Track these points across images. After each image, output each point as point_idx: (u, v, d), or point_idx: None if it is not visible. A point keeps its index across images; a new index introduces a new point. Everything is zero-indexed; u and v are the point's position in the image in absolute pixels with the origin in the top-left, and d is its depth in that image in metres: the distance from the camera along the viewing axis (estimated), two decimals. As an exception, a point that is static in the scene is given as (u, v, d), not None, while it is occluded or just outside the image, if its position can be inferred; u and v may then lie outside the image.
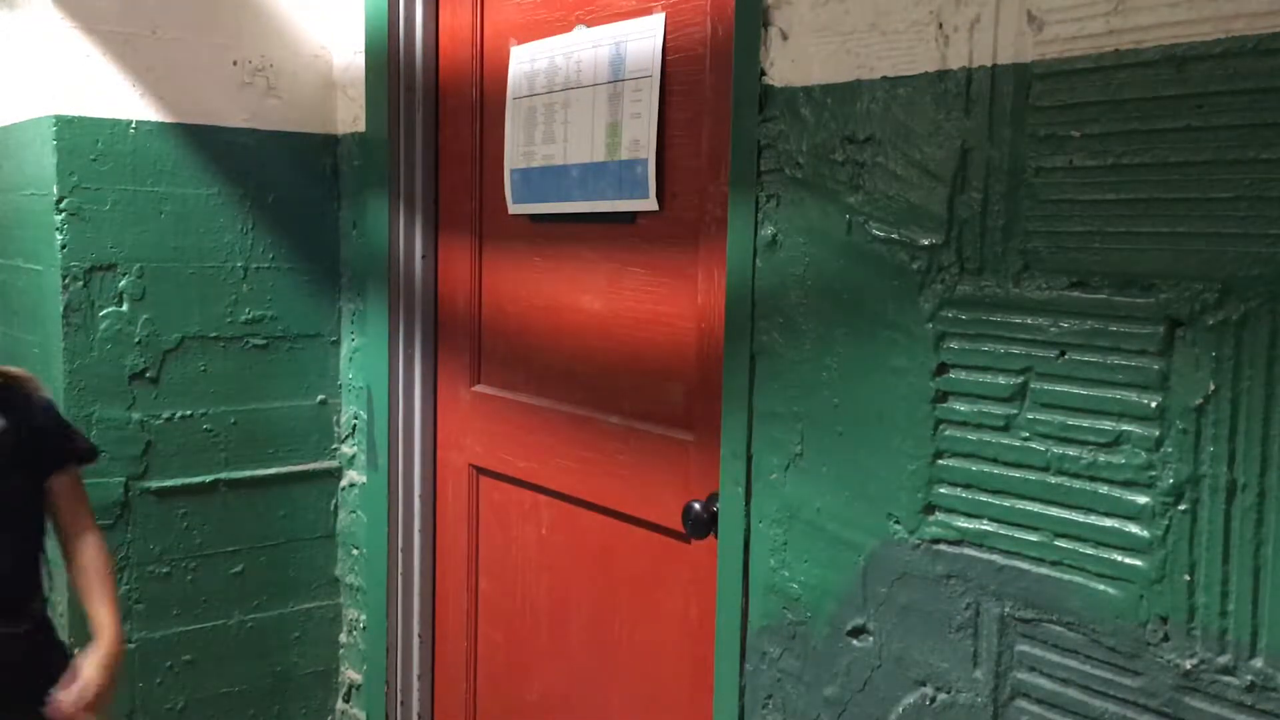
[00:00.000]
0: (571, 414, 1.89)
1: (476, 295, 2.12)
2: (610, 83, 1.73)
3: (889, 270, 1.25)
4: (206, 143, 2.25)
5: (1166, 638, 1.04)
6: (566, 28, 1.85)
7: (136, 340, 2.19)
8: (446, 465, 2.24)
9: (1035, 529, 1.13)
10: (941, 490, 1.21)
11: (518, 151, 1.94)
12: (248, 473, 2.35)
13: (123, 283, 2.17)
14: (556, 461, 1.92)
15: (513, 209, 1.98)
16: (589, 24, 1.79)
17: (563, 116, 1.83)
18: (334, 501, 2.48)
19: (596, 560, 1.87)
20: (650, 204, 1.68)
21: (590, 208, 1.79)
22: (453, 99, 2.16)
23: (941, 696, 1.23)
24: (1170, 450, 1.03)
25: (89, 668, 1.62)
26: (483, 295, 2.11)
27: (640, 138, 1.68)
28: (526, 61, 1.92)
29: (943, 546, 1.22)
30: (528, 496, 2.02)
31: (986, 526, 1.17)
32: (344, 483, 2.47)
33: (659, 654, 1.75)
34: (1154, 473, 1.04)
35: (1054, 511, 1.12)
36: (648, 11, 1.68)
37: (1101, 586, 1.08)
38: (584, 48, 1.79)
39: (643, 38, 1.67)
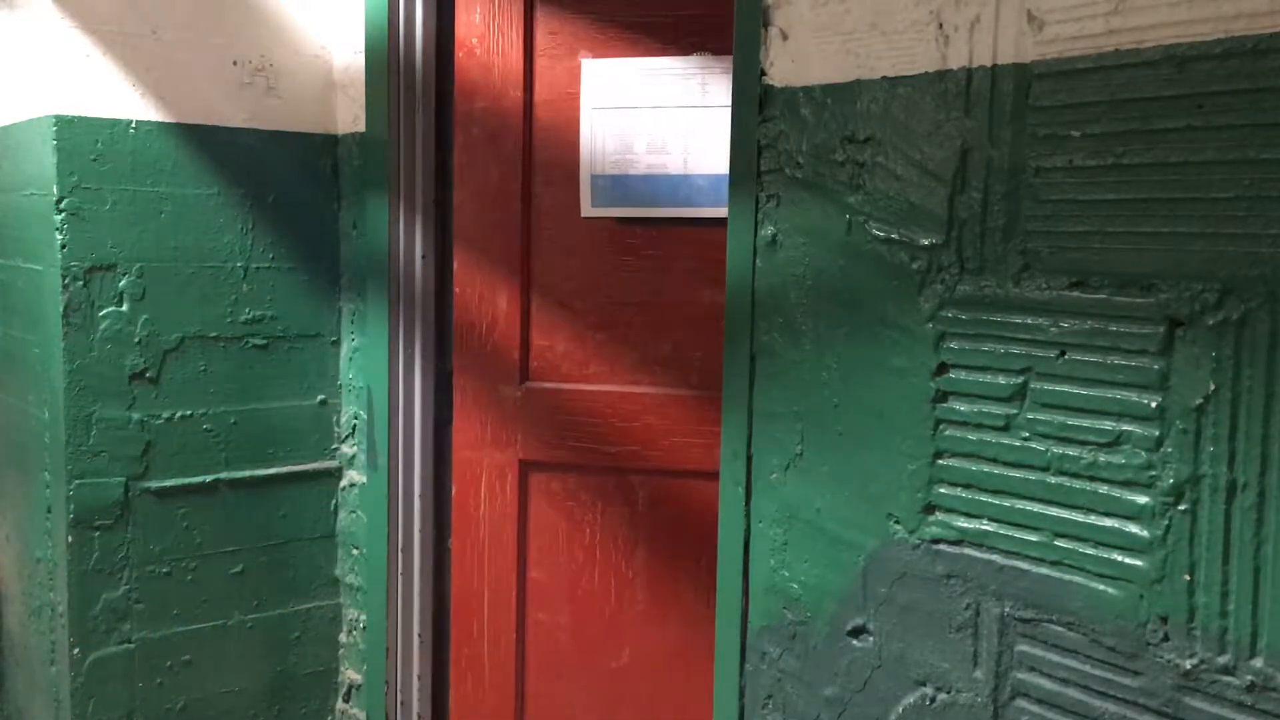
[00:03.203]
0: (687, 395, 2.02)
1: (524, 295, 2.14)
2: None
3: (889, 270, 1.25)
4: (206, 143, 2.25)
5: (1166, 638, 1.04)
6: (668, 49, 2.00)
7: (136, 340, 2.19)
8: (473, 465, 2.23)
9: (1035, 529, 1.13)
10: (941, 490, 1.21)
11: (604, 159, 2.06)
12: (248, 473, 2.35)
13: (123, 283, 2.17)
14: (663, 441, 2.03)
15: (590, 212, 2.07)
16: (715, 54, 1.96)
17: (683, 130, 2.00)
18: (334, 501, 2.48)
19: (709, 526, 1.95)
20: None
21: (724, 214, 1.91)
22: (485, 102, 2.14)
23: (941, 696, 1.23)
24: (1170, 450, 1.03)
25: None
26: (531, 295, 2.15)
27: None
28: (613, 76, 2.04)
29: (943, 546, 1.22)
30: (611, 479, 2.10)
31: (986, 526, 1.17)
32: (344, 483, 2.47)
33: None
34: (1154, 473, 1.04)
35: (1054, 511, 1.12)
36: None
37: (1101, 586, 1.08)
38: (712, 73, 1.95)
39: None
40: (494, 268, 2.17)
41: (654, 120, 2.03)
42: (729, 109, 1.85)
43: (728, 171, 1.85)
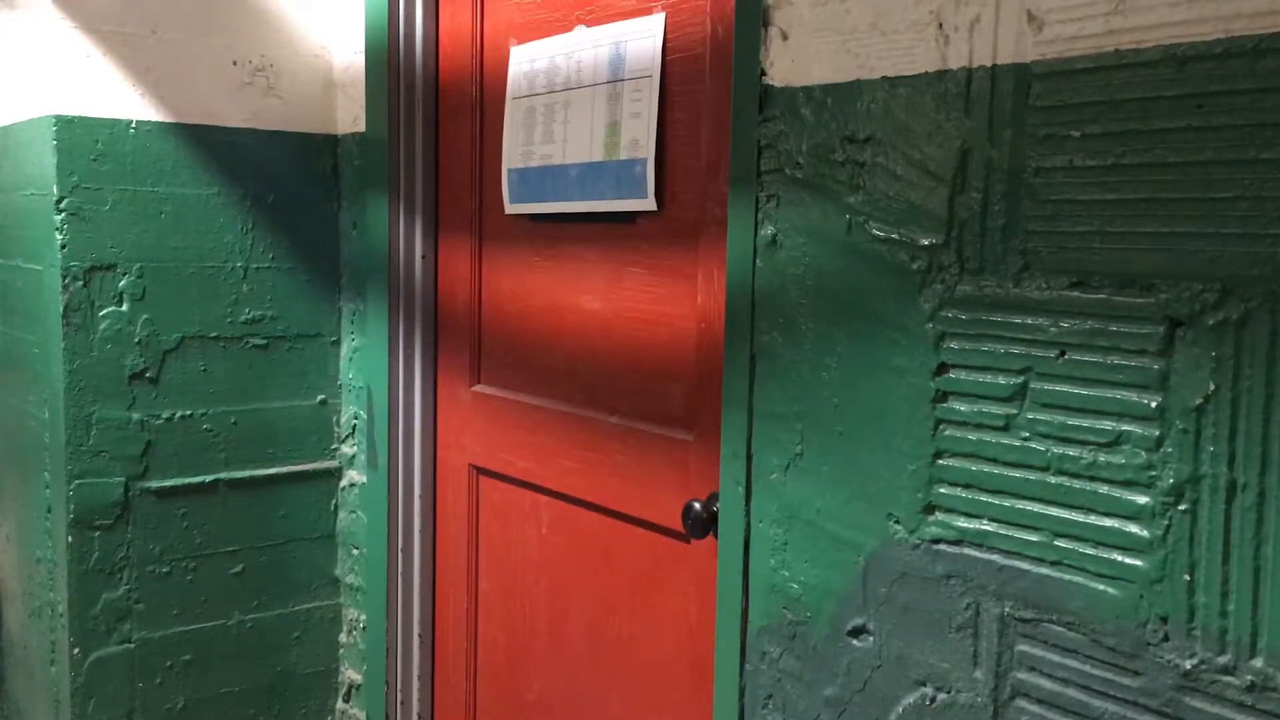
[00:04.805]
0: (571, 414, 1.89)
1: (476, 295, 2.12)
2: (610, 83, 1.73)
3: (889, 270, 1.25)
4: (206, 143, 2.25)
5: (1166, 638, 1.04)
6: (567, 28, 1.85)
7: (136, 340, 2.19)
8: (446, 465, 2.24)
9: (1035, 529, 1.13)
10: (941, 490, 1.21)
11: (515, 151, 1.94)
12: (248, 473, 2.35)
13: (123, 283, 2.17)
14: (556, 461, 1.92)
15: (509, 209, 1.98)
16: (589, 24, 1.79)
17: (562, 116, 1.83)
18: (334, 501, 2.48)
19: (596, 560, 1.87)
20: (648, 204, 1.68)
21: (588, 207, 1.80)
22: (453, 99, 2.16)
23: (941, 696, 1.23)
24: (1170, 450, 1.03)
25: None
26: (482, 295, 2.11)
27: (639, 137, 1.68)
28: (526, 61, 1.92)
29: (943, 546, 1.22)
30: (527, 496, 2.02)
31: (986, 526, 1.17)
32: (344, 483, 2.47)
33: (659, 653, 1.75)
34: (1154, 473, 1.04)
35: (1054, 511, 1.12)
36: (648, 11, 1.68)
37: (1101, 586, 1.08)
38: (584, 48, 1.79)
39: (642, 37, 1.67)
40: (457, 267, 2.17)
41: (546, 106, 1.86)
42: (593, 87, 1.78)
43: (591, 160, 1.79)
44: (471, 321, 2.13)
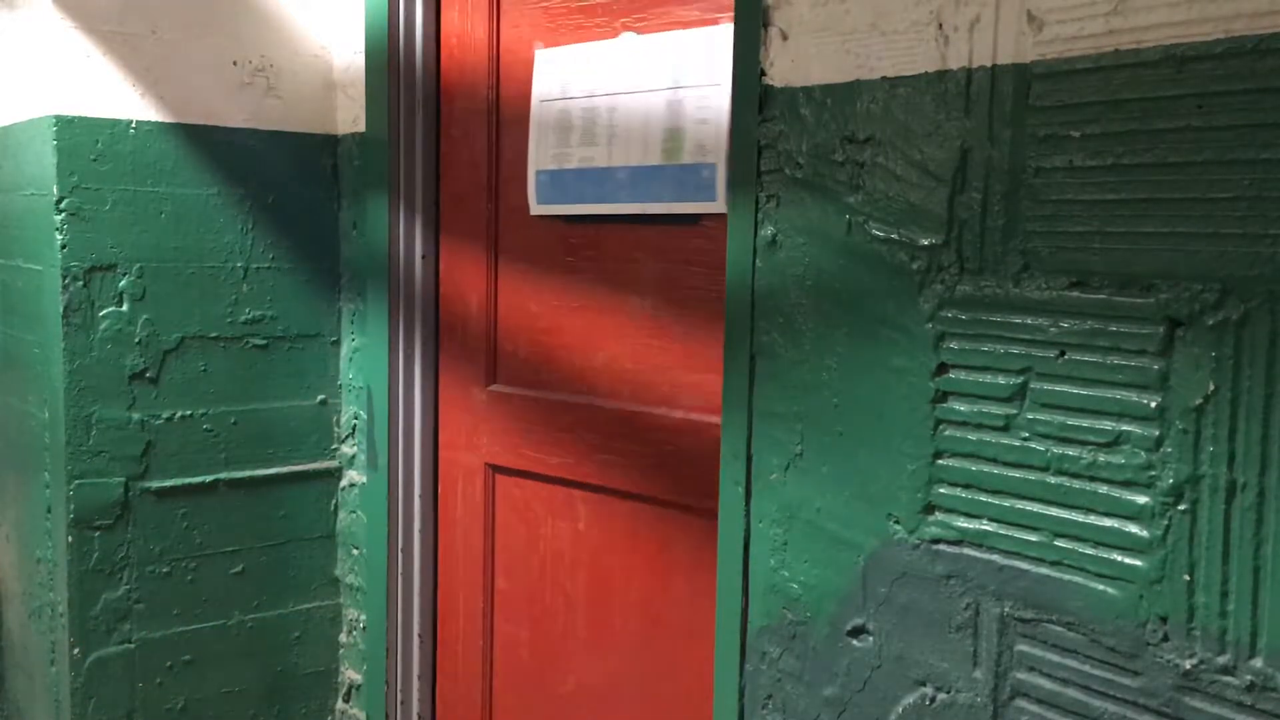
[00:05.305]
0: (617, 409, 1.90)
1: (492, 295, 2.13)
2: (670, 89, 1.76)
3: (889, 270, 1.25)
4: (206, 143, 2.25)
5: (1166, 638, 1.04)
6: (608, 33, 1.87)
7: (136, 340, 2.19)
8: (453, 465, 2.24)
9: (1035, 529, 1.13)
10: (941, 490, 1.21)
11: (546, 154, 1.97)
12: (248, 473, 2.35)
13: (123, 283, 2.17)
14: (599, 456, 1.93)
15: (536, 209, 1.99)
16: (640, 31, 1.82)
17: (606, 120, 1.87)
18: (334, 501, 2.48)
19: (650, 550, 1.88)
20: (718, 206, 1.71)
21: (642, 209, 1.83)
22: (462, 100, 2.16)
23: (941, 696, 1.23)
24: (1170, 450, 1.03)
25: None
26: (499, 295, 2.12)
27: (707, 143, 1.71)
28: (558, 65, 1.94)
29: (943, 546, 1.22)
30: (559, 492, 2.02)
31: (986, 526, 1.18)
32: (344, 483, 2.47)
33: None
34: (1154, 473, 1.04)
35: (1054, 511, 1.12)
36: (714, 22, 1.71)
37: (1101, 586, 1.08)
38: (636, 54, 1.82)
39: (710, 46, 1.70)
40: (467, 268, 2.17)
41: (585, 110, 1.91)
42: (649, 93, 1.80)
43: (646, 163, 1.81)
44: (486, 322, 2.14)
